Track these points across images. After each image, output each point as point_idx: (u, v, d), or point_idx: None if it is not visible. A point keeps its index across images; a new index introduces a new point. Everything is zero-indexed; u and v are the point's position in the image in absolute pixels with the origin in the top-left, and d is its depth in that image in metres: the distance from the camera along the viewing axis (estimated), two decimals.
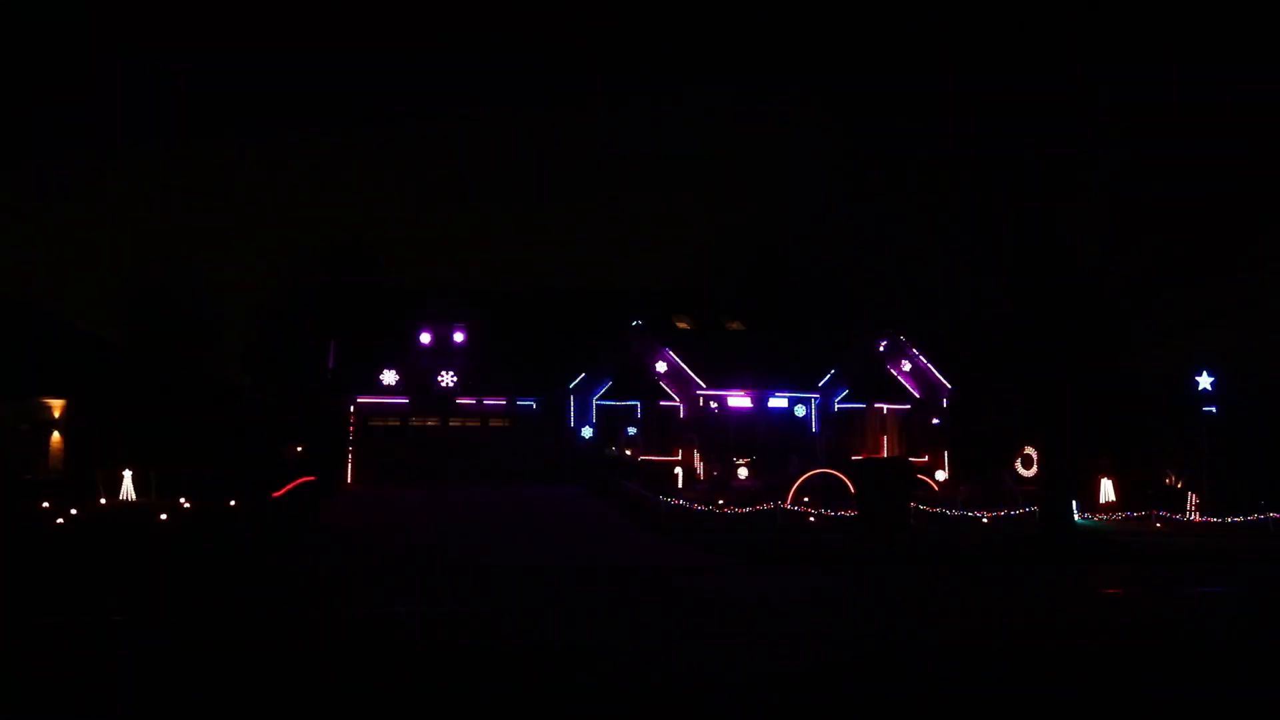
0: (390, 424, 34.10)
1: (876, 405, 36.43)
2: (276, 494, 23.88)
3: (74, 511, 23.31)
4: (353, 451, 33.09)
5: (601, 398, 34.58)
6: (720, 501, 27.29)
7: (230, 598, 13.61)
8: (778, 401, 36.08)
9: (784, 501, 27.26)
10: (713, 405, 35.37)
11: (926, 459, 36.21)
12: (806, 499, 28.46)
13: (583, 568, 17.75)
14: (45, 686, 8.41)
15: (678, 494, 27.26)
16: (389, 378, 33.16)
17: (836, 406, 36.10)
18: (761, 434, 36.47)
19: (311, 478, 27.91)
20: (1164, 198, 21.85)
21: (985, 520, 27.37)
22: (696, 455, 34.56)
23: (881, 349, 34.77)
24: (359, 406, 33.35)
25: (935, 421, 36.69)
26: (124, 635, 10.72)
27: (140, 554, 17.88)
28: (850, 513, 26.76)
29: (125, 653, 9.79)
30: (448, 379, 33.50)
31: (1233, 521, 28.82)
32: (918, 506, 26.93)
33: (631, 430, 34.42)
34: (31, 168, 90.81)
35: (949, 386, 36.58)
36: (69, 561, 17.13)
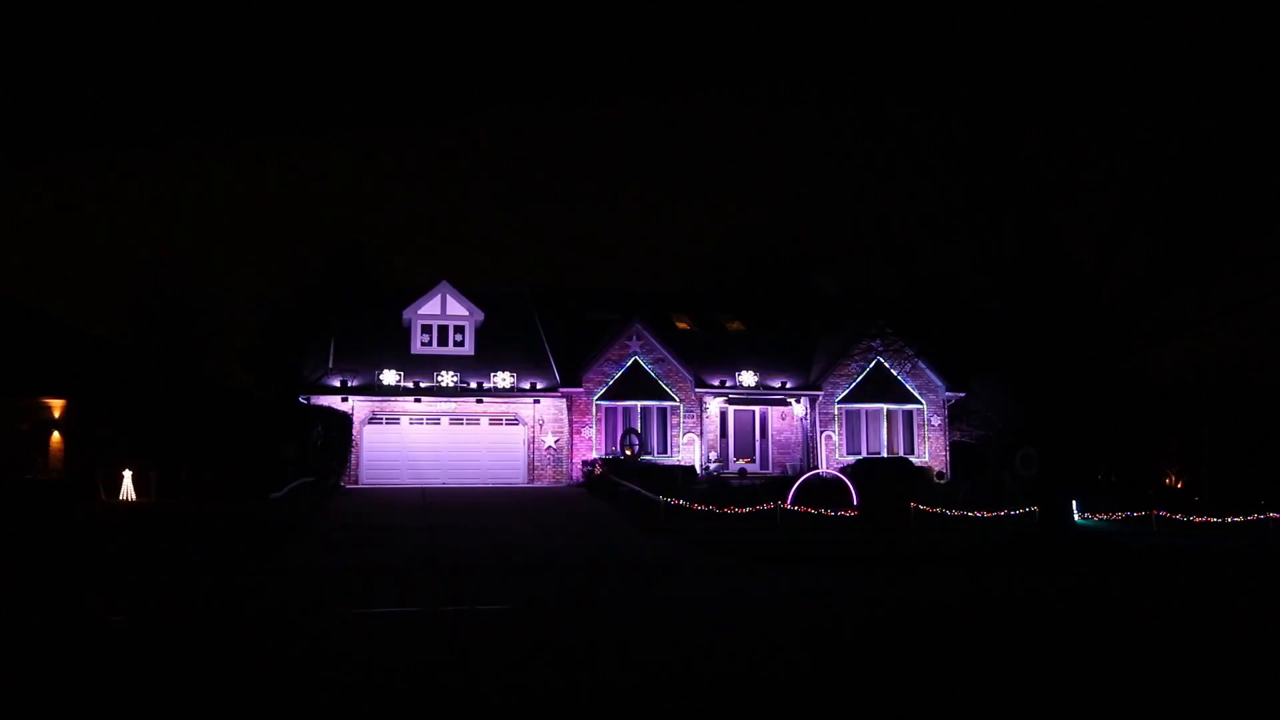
0: (390, 424, 34.14)
1: (876, 405, 36.46)
2: (276, 494, 23.90)
3: (74, 511, 23.31)
4: (352, 451, 33.14)
5: (601, 397, 34.60)
6: (720, 501, 27.29)
7: (229, 597, 13.61)
8: (778, 401, 36.12)
9: (784, 501, 27.26)
10: (712, 405, 35.40)
11: (927, 459, 36.24)
12: (807, 499, 28.45)
13: (585, 567, 17.75)
14: (45, 687, 8.41)
15: (678, 494, 27.25)
16: (389, 378, 33.17)
17: (837, 406, 36.11)
18: (761, 434, 36.49)
19: (311, 478, 27.92)
20: (1163, 198, 21.84)
21: (985, 520, 27.38)
22: (696, 455, 34.60)
23: (882, 348, 34.77)
24: (359, 406, 33.37)
25: (935, 421, 36.72)
26: (123, 636, 10.71)
27: (139, 555, 17.87)
28: (850, 513, 26.79)
29: (125, 653, 9.78)
30: (448, 379, 33.52)
31: (1232, 521, 28.85)
32: (917, 506, 26.95)
33: (631, 430, 34.45)
34: (32, 168, 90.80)
35: (949, 386, 36.59)
36: (68, 561, 17.12)
